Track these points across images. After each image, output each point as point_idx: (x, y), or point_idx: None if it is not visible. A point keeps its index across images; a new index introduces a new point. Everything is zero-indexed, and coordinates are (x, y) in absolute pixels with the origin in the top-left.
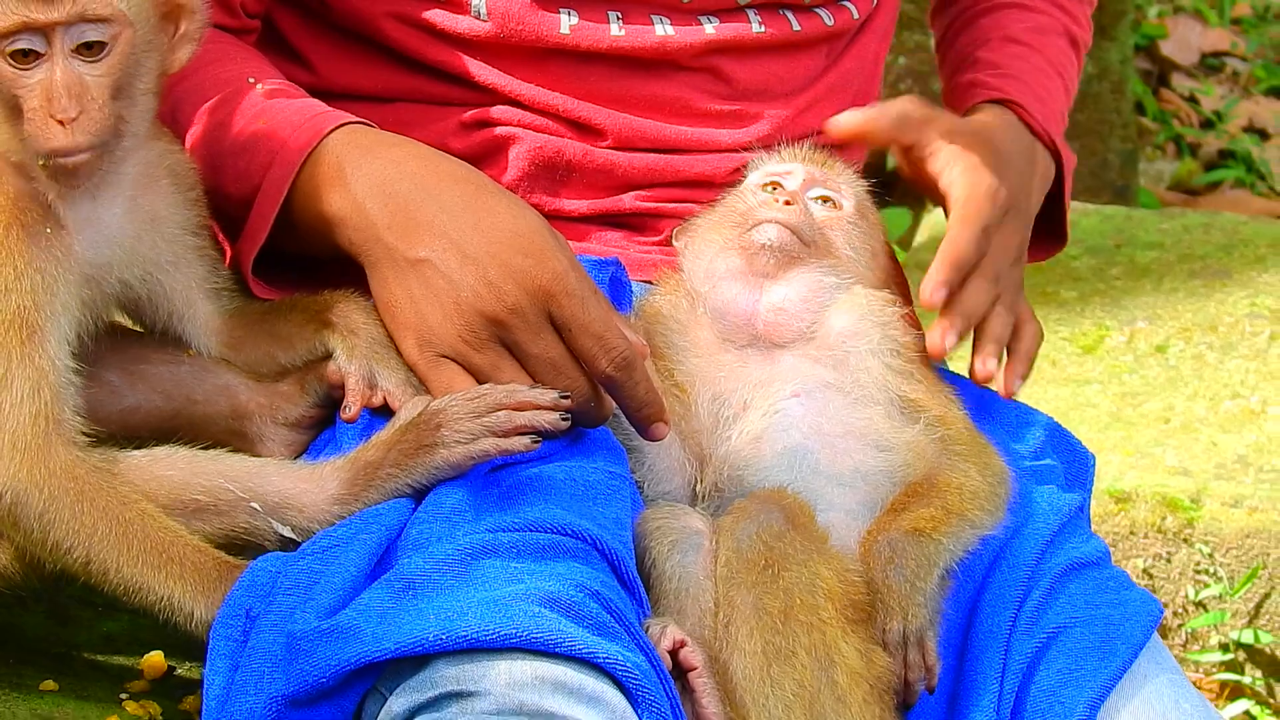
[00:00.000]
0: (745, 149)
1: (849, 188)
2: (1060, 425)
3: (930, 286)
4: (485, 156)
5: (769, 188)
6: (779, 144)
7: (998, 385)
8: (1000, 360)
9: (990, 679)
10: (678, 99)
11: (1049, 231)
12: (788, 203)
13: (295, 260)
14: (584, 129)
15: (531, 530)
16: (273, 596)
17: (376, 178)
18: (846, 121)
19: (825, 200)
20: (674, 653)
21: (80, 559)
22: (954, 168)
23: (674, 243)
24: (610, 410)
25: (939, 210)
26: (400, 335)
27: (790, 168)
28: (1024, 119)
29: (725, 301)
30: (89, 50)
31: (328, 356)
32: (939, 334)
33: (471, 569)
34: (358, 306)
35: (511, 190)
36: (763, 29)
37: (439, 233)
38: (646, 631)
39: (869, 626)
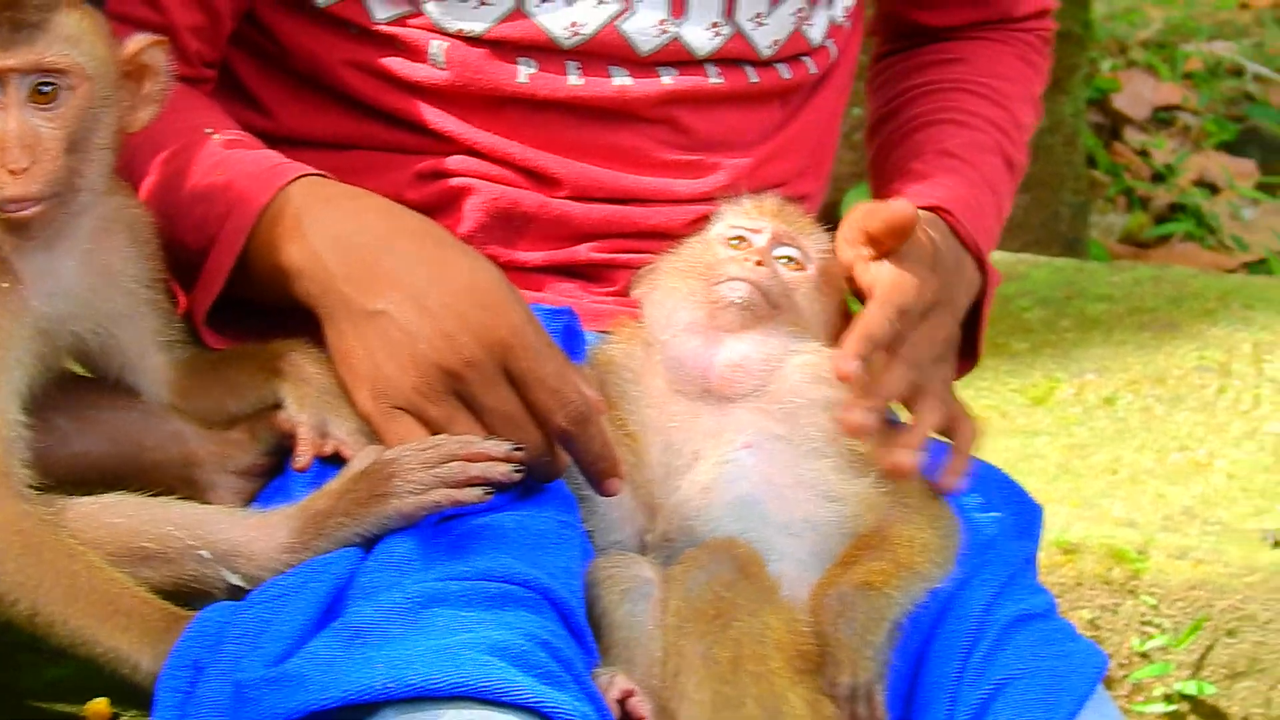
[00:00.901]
0: (703, 200)
1: (814, 248)
2: (1008, 476)
3: (841, 359)
4: (441, 207)
5: (736, 242)
6: (741, 195)
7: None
8: (917, 451)
9: None
10: (635, 149)
11: (962, 350)
12: (759, 263)
13: (249, 310)
14: (540, 179)
15: (481, 579)
16: (220, 646)
17: (335, 230)
18: (905, 212)
19: (790, 260)
20: (622, 702)
21: (26, 610)
22: (881, 266)
23: (633, 292)
24: (565, 466)
25: None
26: (355, 386)
27: (759, 224)
28: (954, 227)
29: (683, 353)
30: (44, 98)
31: (279, 405)
32: (854, 413)
33: (420, 617)
34: (309, 356)
35: (467, 241)
36: (720, 80)
37: (397, 285)
38: (595, 680)
39: (817, 677)
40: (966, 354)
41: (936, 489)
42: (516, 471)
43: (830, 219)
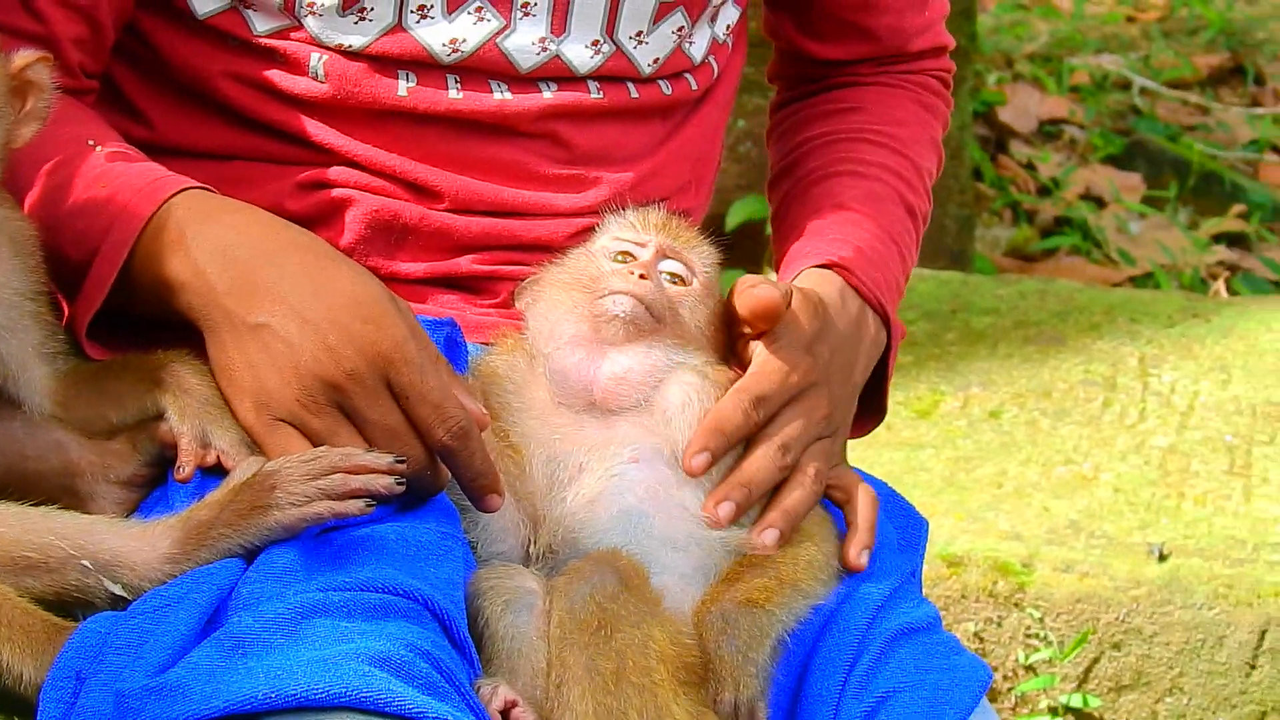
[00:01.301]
0: (584, 214)
1: (699, 263)
2: (893, 490)
3: (688, 453)
4: (322, 218)
5: (621, 256)
6: (626, 208)
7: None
8: (782, 532)
9: None
10: (516, 162)
11: (867, 403)
12: (643, 276)
13: (131, 321)
14: (421, 191)
15: (363, 590)
16: (102, 656)
17: (217, 243)
18: (767, 298)
19: (675, 276)
20: (505, 713)
21: None
22: (752, 348)
23: (516, 303)
24: (446, 480)
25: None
26: (237, 399)
27: (644, 238)
28: (852, 284)
29: (567, 366)
30: None
31: (160, 416)
32: (713, 504)
33: (302, 628)
34: (190, 367)
35: (348, 252)
36: (601, 96)
37: (279, 298)
38: (477, 692)
39: (701, 689)
40: (873, 409)
41: (821, 509)
42: (398, 484)
43: (715, 231)
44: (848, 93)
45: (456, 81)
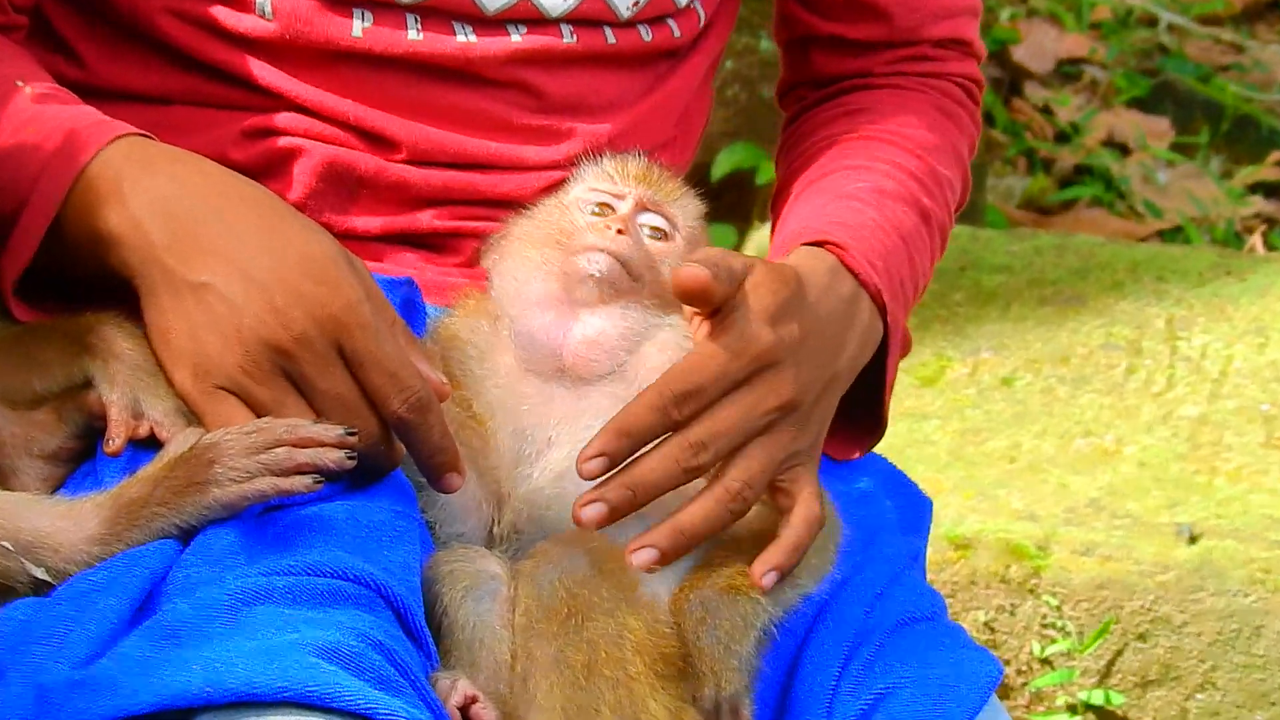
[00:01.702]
0: (555, 168)
1: (683, 217)
2: (894, 465)
3: (582, 455)
4: (269, 169)
5: (597, 209)
6: (602, 155)
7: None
8: (662, 553)
9: None
10: (481, 111)
11: (861, 417)
12: (620, 231)
13: (63, 280)
14: (377, 140)
15: (309, 574)
16: (22, 647)
17: (157, 195)
18: (690, 278)
19: (656, 231)
20: (464, 709)
21: None
22: (703, 327)
23: (481, 261)
24: (401, 456)
25: (766, 227)
26: (174, 365)
27: (622, 189)
28: (846, 263)
29: (535, 328)
30: None
31: (89, 384)
32: (582, 502)
33: (242, 616)
34: (122, 330)
35: (298, 207)
36: (574, 40)
37: (223, 256)
38: (434, 686)
39: (681, 683)
40: (870, 424)
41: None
42: (349, 458)
43: (701, 182)
44: (859, 95)
45: (416, 22)
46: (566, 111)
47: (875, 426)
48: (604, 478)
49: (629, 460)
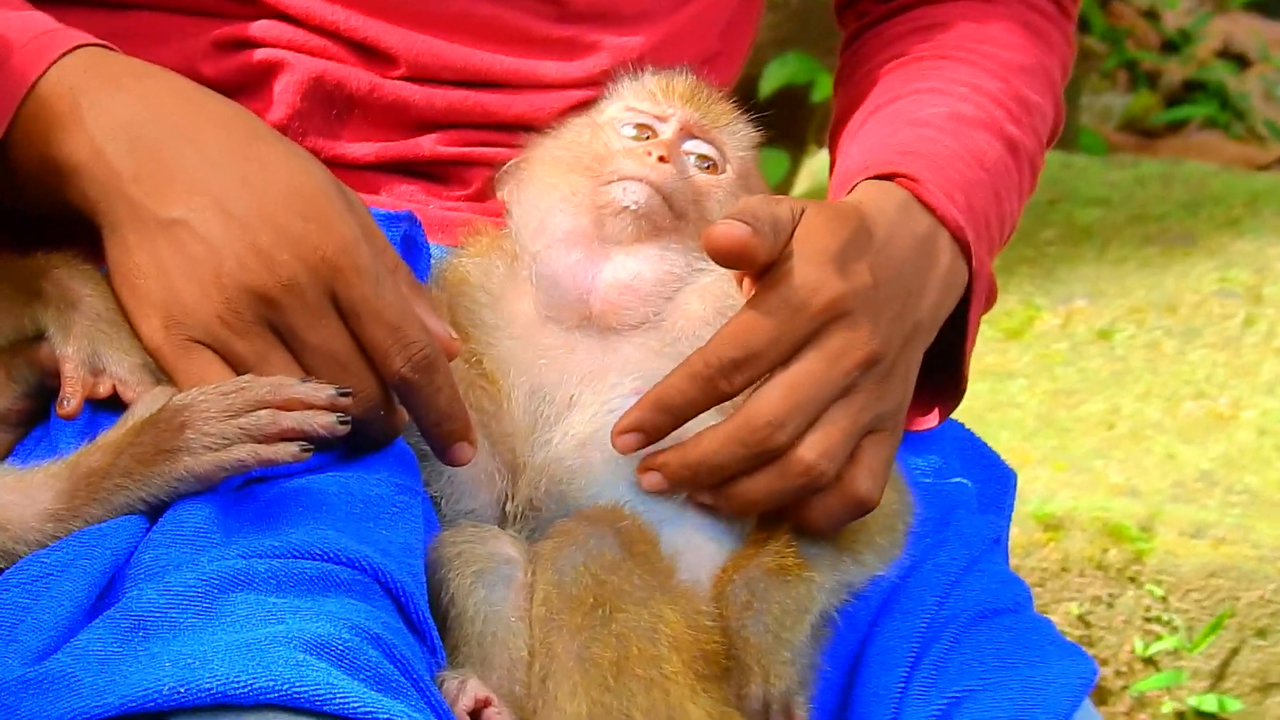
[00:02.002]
0: (578, 86)
1: (733, 146)
2: (972, 434)
3: (615, 429)
4: (245, 86)
5: (635, 131)
6: (643, 70)
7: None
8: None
9: None
10: (493, 20)
11: (936, 377)
12: (663, 159)
13: (12, 218)
14: (371, 54)
15: (296, 557)
16: None
17: (121, 117)
18: (724, 237)
19: (704, 160)
20: (475, 714)
21: None
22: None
23: (496, 191)
24: (403, 423)
25: (823, 153)
26: (142, 313)
27: (666, 110)
28: (922, 197)
29: (560, 269)
30: None
31: (41, 336)
32: (642, 474)
33: (219, 605)
34: (79, 273)
35: (279, 131)
36: None
37: (198, 188)
38: (440, 687)
39: (724, 685)
40: (943, 387)
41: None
42: (341, 423)
43: (748, 98)
44: (931, 9)
45: None
46: (592, 21)
47: (953, 389)
48: (653, 449)
49: (687, 437)
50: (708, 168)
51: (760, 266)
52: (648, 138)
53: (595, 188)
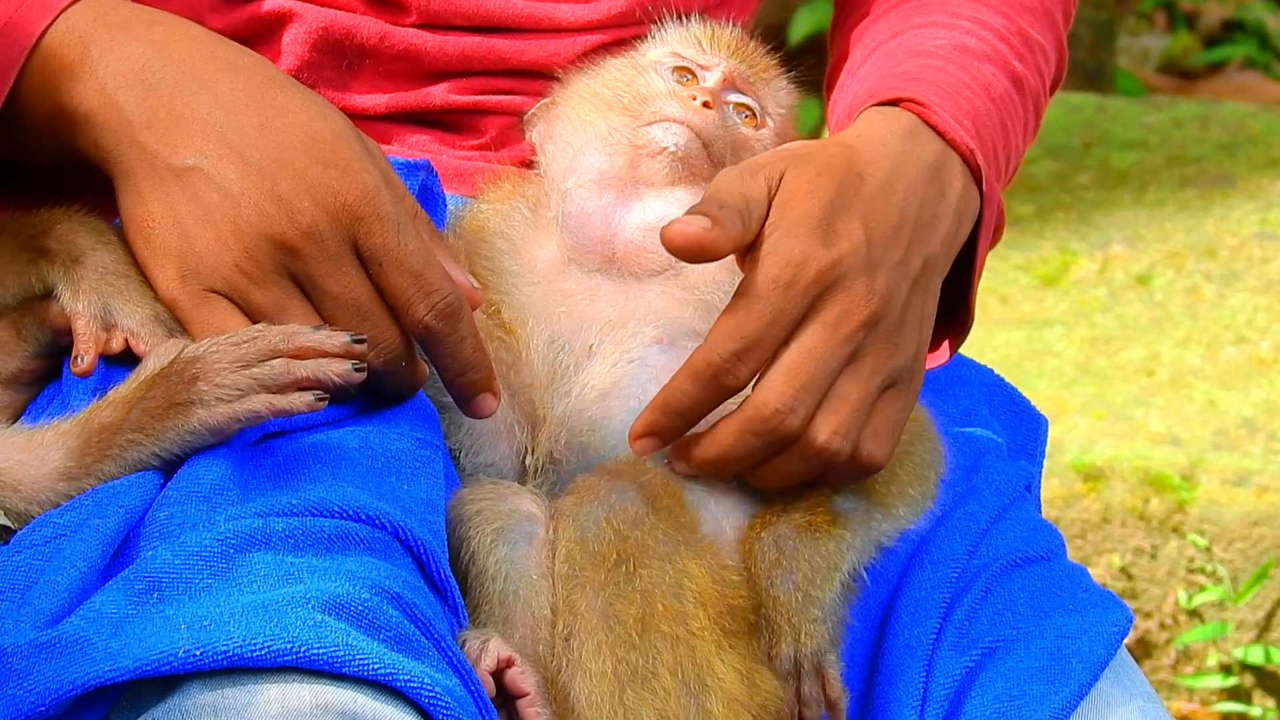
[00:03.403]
0: (593, 29)
1: (775, 102)
2: (1002, 380)
3: (632, 431)
4: (253, 37)
5: (678, 75)
6: (691, 14)
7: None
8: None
9: (908, 708)
10: None
11: (942, 312)
12: (706, 104)
13: (22, 170)
14: (381, 2)
15: (314, 514)
16: None
17: (133, 64)
18: (680, 234)
19: (744, 111)
20: (498, 674)
21: None
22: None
23: (526, 134)
24: (425, 376)
25: None
26: (157, 263)
27: (711, 59)
28: (929, 121)
29: (589, 210)
30: None
31: (50, 295)
32: (676, 459)
33: (235, 565)
34: (83, 227)
35: None
36: None
37: (213, 135)
38: (462, 647)
39: (752, 640)
40: (951, 320)
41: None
42: (357, 370)
43: (778, 44)
44: None
45: None
46: None
47: (960, 322)
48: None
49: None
50: (746, 118)
51: (727, 254)
52: (691, 82)
53: (634, 128)
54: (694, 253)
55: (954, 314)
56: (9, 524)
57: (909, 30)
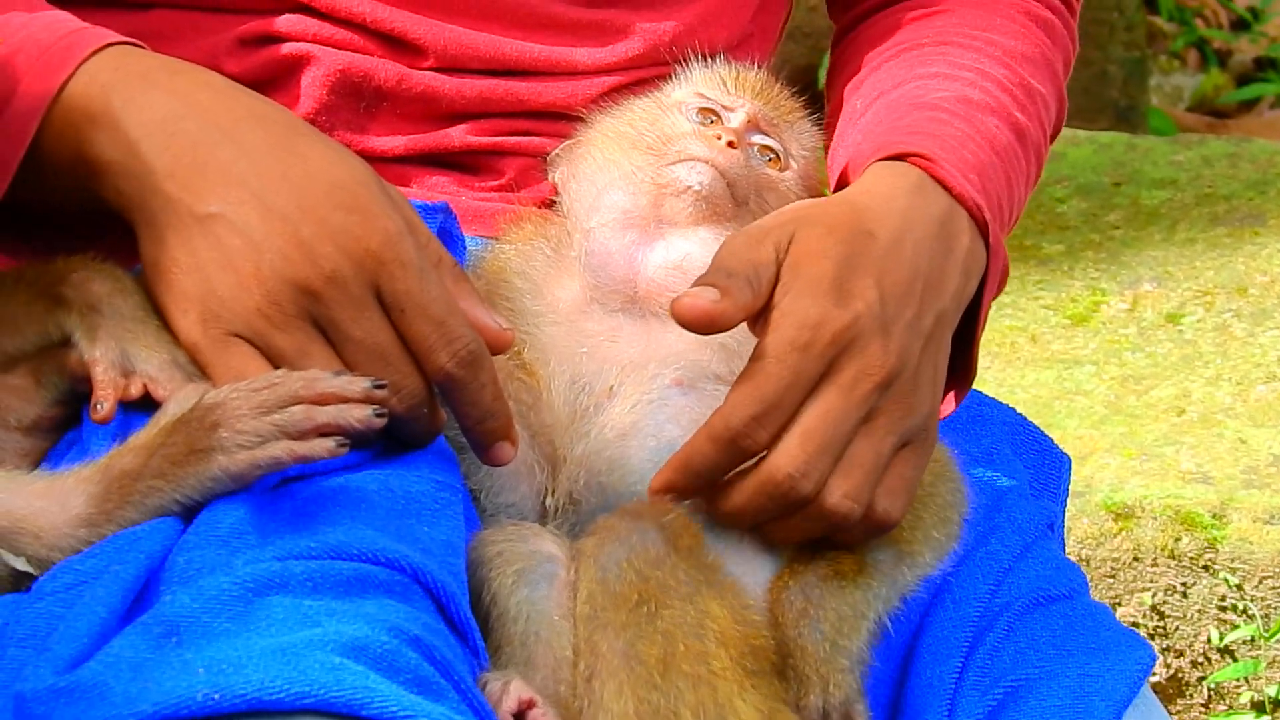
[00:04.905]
0: (610, 72)
1: (798, 145)
2: (1023, 418)
3: (651, 485)
4: (270, 82)
5: (703, 116)
6: (716, 57)
7: None
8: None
9: None
10: (521, 6)
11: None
12: (731, 144)
13: (43, 221)
14: (399, 45)
15: (333, 558)
16: (1, 651)
17: (156, 113)
18: (690, 307)
19: (769, 153)
20: (519, 716)
21: None
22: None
23: (550, 174)
24: (443, 423)
25: None
26: (178, 308)
27: (735, 100)
28: (936, 175)
29: (611, 248)
30: None
31: (68, 342)
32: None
33: (254, 608)
34: (99, 274)
35: None
36: None
37: (236, 182)
38: (483, 689)
39: (774, 680)
40: (954, 371)
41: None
42: (378, 416)
43: (808, 85)
44: None
45: None
46: (623, 4)
47: (963, 373)
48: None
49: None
50: (770, 161)
51: (739, 323)
52: (715, 122)
53: (659, 167)
54: (704, 325)
55: (957, 366)
56: (31, 570)
57: (911, 81)
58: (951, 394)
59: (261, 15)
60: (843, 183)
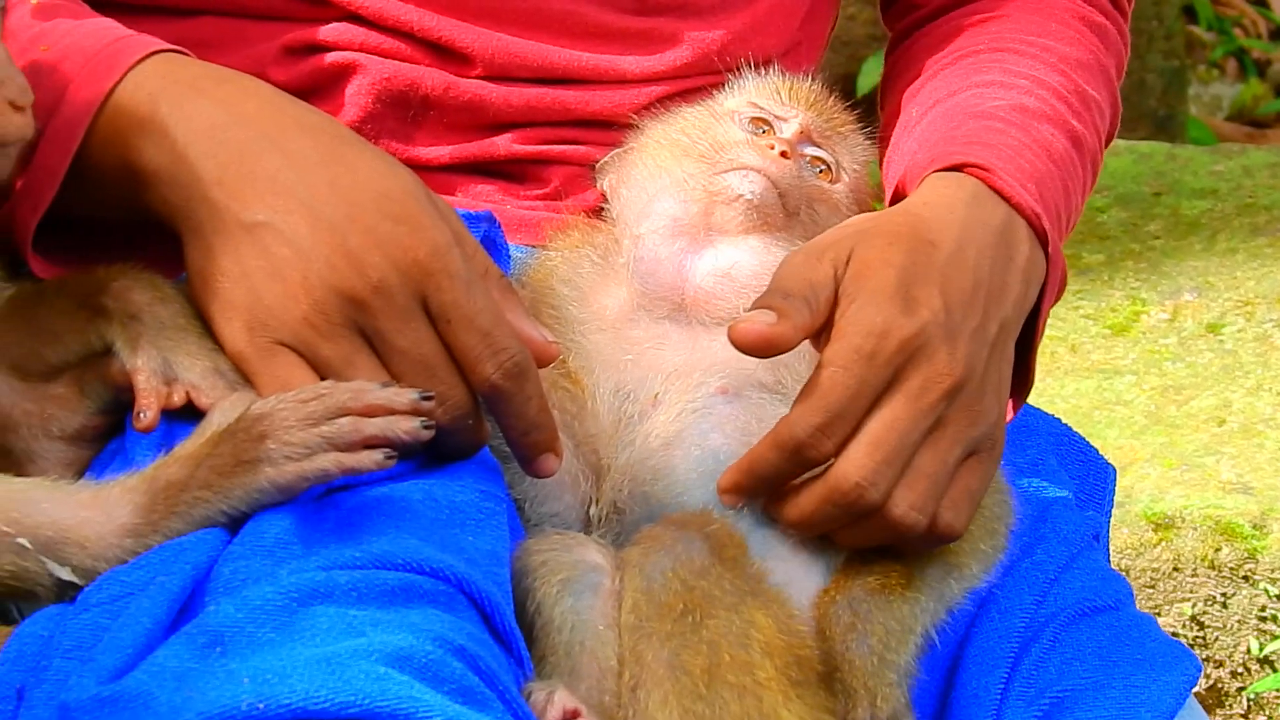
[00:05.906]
0: (658, 80)
1: (850, 158)
2: (1069, 429)
3: (720, 484)
4: (316, 90)
5: (755, 125)
6: (771, 68)
7: None
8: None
9: None
10: (570, 14)
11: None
12: (784, 154)
13: (89, 228)
14: (445, 54)
15: (378, 567)
16: (46, 664)
17: (203, 122)
18: (748, 332)
19: (820, 165)
20: None
21: None
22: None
23: (598, 182)
24: (488, 435)
25: None
26: (224, 316)
27: (788, 111)
28: (994, 186)
29: (660, 255)
30: None
31: (110, 351)
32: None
33: (298, 618)
34: (140, 283)
35: None
36: None
37: (284, 191)
38: (528, 699)
39: (819, 690)
40: (1013, 380)
41: None
42: (425, 428)
43: (847, 93)
44: (981, 3)
45: None
46: (672, 12)
47: (1022, 382)
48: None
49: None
50: (821, 173)
51: (798, 344)
52: (767, 132)
53: (710, 175)
54: (762, 348)
55: (1015, 375)
56: (76, 580)
57: (967, 89)
58: (1009, 403)
59: (308, 24)
60: (899, 193)
